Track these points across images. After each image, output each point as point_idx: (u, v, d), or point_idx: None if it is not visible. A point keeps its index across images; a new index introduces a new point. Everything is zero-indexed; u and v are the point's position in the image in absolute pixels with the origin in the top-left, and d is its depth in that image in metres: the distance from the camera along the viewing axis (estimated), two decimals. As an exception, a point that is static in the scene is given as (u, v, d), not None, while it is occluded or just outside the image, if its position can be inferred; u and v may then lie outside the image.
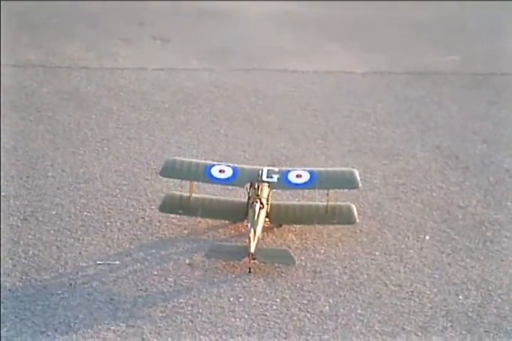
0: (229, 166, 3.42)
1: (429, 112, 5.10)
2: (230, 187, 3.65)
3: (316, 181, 3.35)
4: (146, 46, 6.52)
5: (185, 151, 4.31)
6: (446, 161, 4.30)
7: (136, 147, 4.37)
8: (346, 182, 3.42)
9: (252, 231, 3.05)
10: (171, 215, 3.49)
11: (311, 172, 3.39)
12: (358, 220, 3.39)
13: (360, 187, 3.45)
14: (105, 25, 7.30)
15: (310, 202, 3.58)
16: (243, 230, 3.35)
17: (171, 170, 3.43)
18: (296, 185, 3.37)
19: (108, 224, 3.48)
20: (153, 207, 3.61)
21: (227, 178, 3.36)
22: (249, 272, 3.07)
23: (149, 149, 4.34)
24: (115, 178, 3.95)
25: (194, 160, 3.59)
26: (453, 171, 4.17)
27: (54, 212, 3.58)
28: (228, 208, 3.47)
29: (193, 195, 3.45)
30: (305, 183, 3.36)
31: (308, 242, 3.37)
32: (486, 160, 4.33)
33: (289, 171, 3.40)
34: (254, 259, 3.03)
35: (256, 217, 3.15)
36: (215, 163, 3.50)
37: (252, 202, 3.23)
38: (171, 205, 3.46)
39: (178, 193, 3.49)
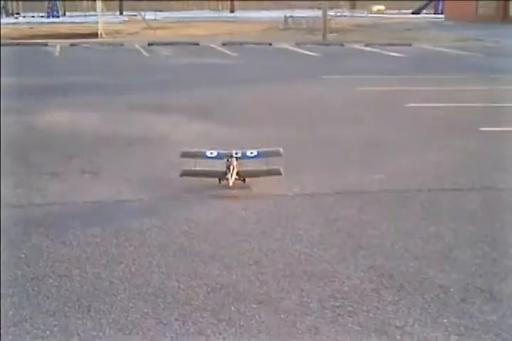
0: (214, 151, 6.39)
1: (360, 232, 5.17)
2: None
3: (260, 155, 6.36)
4: (75, 180, 6.53)
5: (118, 285, 4.23)
6: (380, 280, 4.31)
7: (67, 284, 4.26)
8: (274, 153, 6.46)
9: (231, 166, 6.07)
10: None
11: (258, 151, 6.38)
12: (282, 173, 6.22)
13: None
14: (33, 160, 7.33)
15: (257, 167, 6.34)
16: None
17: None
18: (250, 157, 6.32)
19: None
20: (86, 347, 3.48)
21: (215, 156, 6.33)
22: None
23: (81, 286, 4.24)
24: (45, 319, 3.82)
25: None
26: (388, 290, 4.18)
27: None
28: (217, 171, 6.22)
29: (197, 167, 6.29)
30: (254, 156, 6.34)
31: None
32: (419, 277, 4.36)
33: (246, 151, 6.35)
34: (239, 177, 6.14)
35: (232, 171, 6.04)
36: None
37: (228, 166, 6.07)
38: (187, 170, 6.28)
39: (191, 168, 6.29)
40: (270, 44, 24.28)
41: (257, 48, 23.33)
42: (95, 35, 28.35)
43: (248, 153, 6.29)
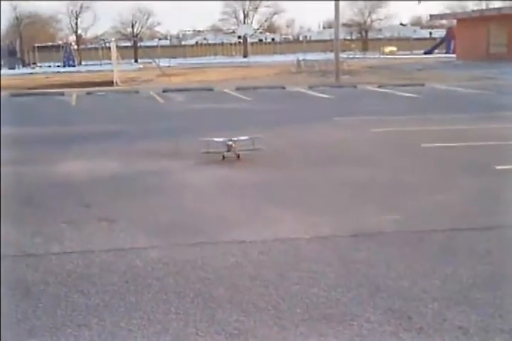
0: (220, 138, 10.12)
1: (378, 273, 5.15)
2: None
3: (249, 139, 10.11)
4: (92, 228, 6.57)
5: (136, 333, 4.23)
6: (399, 323, 4.29)
7: (85, 333, 4.26)
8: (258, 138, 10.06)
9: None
10: None
11: (248, 137, 10.09)
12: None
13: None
14: (51, 209, 7.39)
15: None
16: None
17: None
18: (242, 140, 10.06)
19: None
20: None
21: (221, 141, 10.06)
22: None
23: (99, 335, 4.24)
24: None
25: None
26: (407, 333, 4.15)
27: None
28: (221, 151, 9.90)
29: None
30: (245, 140, 10.21)
31: None
32: (438, 318, 4.33)
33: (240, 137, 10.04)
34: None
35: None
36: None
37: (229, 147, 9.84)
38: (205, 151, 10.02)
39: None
40: (283, 87, 24.51)
41: (271, 92, 23.56)
42: (110, 83, 28.75)
43: (242, 138, 10.11)
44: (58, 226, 6.62)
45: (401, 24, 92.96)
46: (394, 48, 64.52)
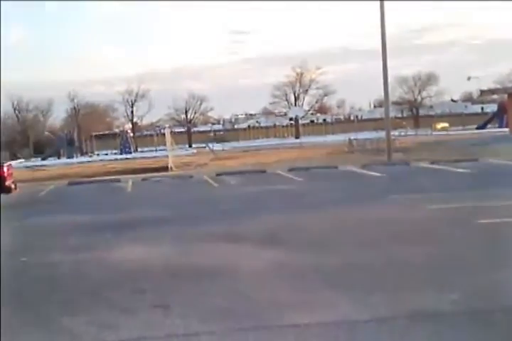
0: None
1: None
2: None
3: None
4: (146, 314, 6.56)
5: None
6: None
7: None
8: None
9: None
10: None
11: None
12: None
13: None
14: (105, 296, 7.42)
15: None
16: None
17: None
18: None
19: None
20: None
21: None
22: None
23: None
24: None
25: None
26: None
27: None
28: None
29: None
30: None
31: None
32: None
33: None
34: None
35: None
36: None
37: None
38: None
39: None
40: (336, 167, 24.57)
41: (323, 172, 23.62)
42: (166, 168, 29.25)
43: None
44: (114, 314, 6.63)
45: (452, 100, 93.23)
46: (446, 124, 64.48)
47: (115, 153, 57.33)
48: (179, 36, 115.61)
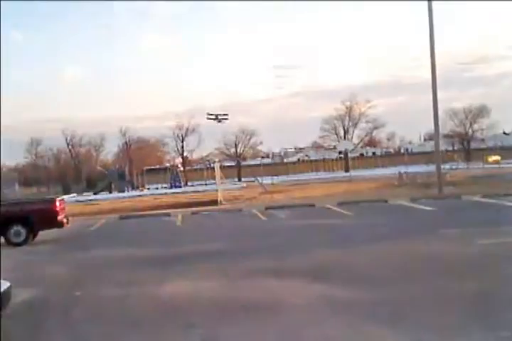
0: None
1: None
2: None
3: None
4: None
5: None
6: None
7: None
8: None
9: None
10: None
11: None
12: None
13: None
14: (153, 331, 7.46)
15: None
16: None
17: None
18: None
19: None
20: None
21: None
22: None
23: None
24: None
25: None
26: None
27: None
28: None
29: None
30: None
31: None
32: None
33: None
34: None
35: None
36: None
37: None
38: None
39: None
40: (386, 201, 24.40)
41: (373, 206, 23.46)
42: (215, 202, 29.41)
43: None
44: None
45: (504, 133, 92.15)
46: (498, 157, 63.65)
47: (165, 187, 57.88)
48: (225, 71, 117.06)
